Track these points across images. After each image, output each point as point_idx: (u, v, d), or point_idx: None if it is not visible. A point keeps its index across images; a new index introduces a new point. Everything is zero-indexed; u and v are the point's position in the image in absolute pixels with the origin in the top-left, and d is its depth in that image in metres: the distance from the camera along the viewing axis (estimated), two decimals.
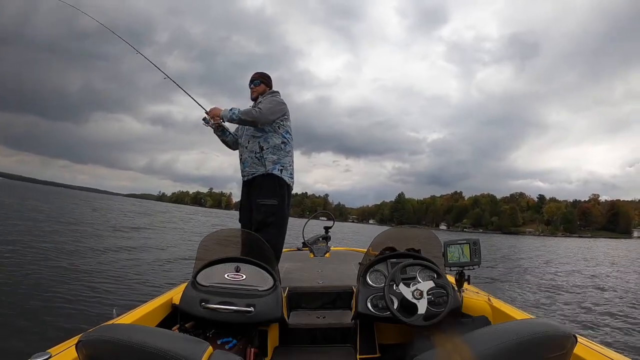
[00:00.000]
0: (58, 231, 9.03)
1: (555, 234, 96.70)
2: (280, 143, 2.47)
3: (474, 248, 1.65)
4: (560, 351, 0.74)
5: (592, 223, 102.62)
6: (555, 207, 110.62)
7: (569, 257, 17.60)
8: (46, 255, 5.84)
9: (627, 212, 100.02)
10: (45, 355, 1.00)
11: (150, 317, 1.50)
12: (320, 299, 2.24)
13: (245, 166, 2.49)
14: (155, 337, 0.78)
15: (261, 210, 2.37)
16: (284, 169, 2.46)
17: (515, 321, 0.93)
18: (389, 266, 1.76)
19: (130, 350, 0.74)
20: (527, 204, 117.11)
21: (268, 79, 2.65)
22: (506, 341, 0.72)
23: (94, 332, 0.80)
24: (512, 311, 1.54)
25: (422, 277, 1.58)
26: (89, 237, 8.80)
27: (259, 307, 1.55)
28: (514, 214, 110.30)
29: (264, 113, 2.38)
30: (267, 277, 1.69)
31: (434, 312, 1.44)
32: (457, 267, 1.68)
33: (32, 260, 5.33)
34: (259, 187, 2.41)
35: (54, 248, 6.57)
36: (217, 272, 1.69)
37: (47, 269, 5.01)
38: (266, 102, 2.45)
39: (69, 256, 6.08)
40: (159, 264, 6.59)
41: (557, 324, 0.77)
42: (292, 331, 1.87)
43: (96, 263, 5.87)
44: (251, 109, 2.39)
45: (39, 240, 7.14)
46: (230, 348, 1.45)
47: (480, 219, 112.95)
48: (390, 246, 1.87)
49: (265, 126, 2.43)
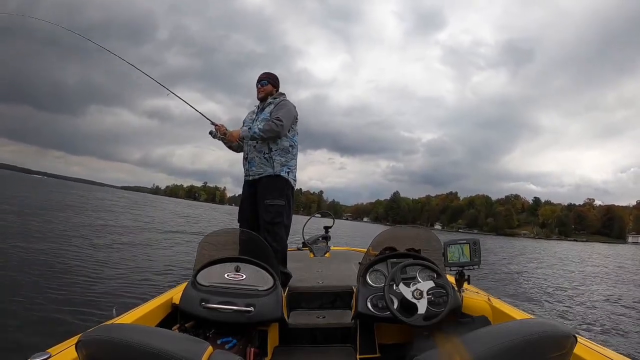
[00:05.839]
0: (56, 229, 8.92)
1: (550, 237, 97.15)
2: (288, 146, 2.47)
3: (474, 248, 1.67)
4: (560, 351, 0.74)
5: (587, 227, 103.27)
6: (550, 210, 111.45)
7: (568, 259, 17.77)
8: (45, 255, 5.77)
9: (622, 217, 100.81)
10: (45, 355, 1.00)
11: (150, 317, 1.50)
12: (320, 298, 2.24)
13: (251, 166, 2.47)
14: (155, 337, 0.78)
15: (269, 211, 2.36)
16: (290, 171, 2.48)
17: (515, 321, 0.93)
18: (389, 266, 1.76)
19: (130, 350, 0.73)
20: (522, 206, 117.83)
21: (276, 80, 2.64)
22: (506, 341, 0.72)
23: (94, 331, 0.80)
24: (512, 311, 1.56)
25: (422, 277, 1.59)
26: (89, 237, 8.70)
27: (259, 307, 1.55)
28: (509, 216, 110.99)
29: (285, 125, 2.38)
30: (267, 277, 1.69)
31: (434, 312, 1.45)
32: (457, 267, 1.69)
33: (31, 260, 5.26)
34: (266, 188, 2.40)
35: (54, 247, 6.49)
36: (217, 272, 1.69)
37: (46, 268, 4.95)
38: (283, 111, 2.42)
39: (68, 255, 6.01)
40: (159, 264, 6.55)
41: (557, 324, 0.77)
42: (292, 331, 1.87)
43: (96, 262, 5.80)
44: (271, 123, 2.35)
45: (38, 239, 7.05)
46: (230, 348, 1.45)
47: (476, 219, 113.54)
48: (390, 246, 1.88)
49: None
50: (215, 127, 2.57)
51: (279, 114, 2.39)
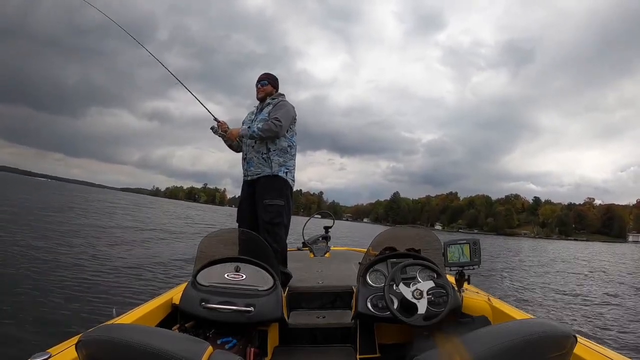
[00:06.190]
0: (56, 230, 8.93)
1: (551, 237, 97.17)
2: (286, 146, 2.48)
3: (474, 248, 1.67)
4: (560, 351, 0.74)
5: (587, 226, 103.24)
6: (550, 209, 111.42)
7: (567, 259, 17.75)
8: (45, 255, 5.78)
9: (622, 216, 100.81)
10: (45, 355, 1.00)
11: (150, 317, 1.50)
12: (320, 298, 2.24)
13: (250, 166, 2.48)
14: (155, 337, 0.78)
15: (268, 211, 2.36)
16: (288, 171, 2.48)
17: (515, 321, 0.93)
18: (389, 266, 1.76)
19: (130, 350, 0.73)
20: (522, 206, 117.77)
21: (275, 81, 2.66)
22: (506, 341, 0.72)
23: (94, 332, 0.80)
24: (512, 311, 1.56)
25: (422, 277, 1.59)
26: (89, 237, 8.72)
27: (259, 307, 1.55)
28: (510, 216, 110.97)
29: (284, 125, 2.40)
30: (267, 277, 1.69)
31: (434, 312, 1.45)
32: (457, 267, 1.69)
33: (31, 260, 5.28)
34: (265, 188, 2.41)
35: (54, 248, 6.50)
36: (217, 272, 1.69)
37: (47, 268, 4.96)
38: (282, 112, 2.44)
39: (68, 256, 6.02)
40: (159, 264, 6.55)
41: (557, 324, 0.77)
42: (292, 331, 1.87)
43: (96, 262, 5.82)
44: (270, 123, 2.37)
45: (38, 239, 7.06)
46: (230, 348, 1.45)
47: (476, 219, 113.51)
48: (390, 246, 1.88)
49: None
50: (218, 124, 2.61)
51: (278, 115, 2.40)
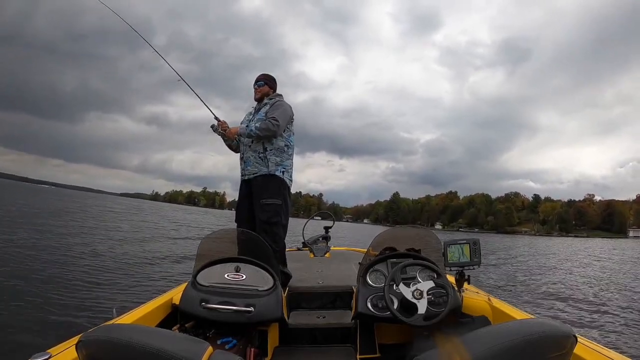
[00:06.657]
0: (57, 231, 8.95)
1: (551, 234, 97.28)
2: (283, 146, 2.49)
3: (474, 248, 1.67)
4: (560, 351, 0.74)
5: (588, 223, 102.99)
6: (550, 206, 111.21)
7: (567, 257, 17.74)
8: (46, 255, 5.80)
9: (622, 212, 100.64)
10: (45, 355, 1.00)
11: (150, 317, 1.50)
12: (320, 299, 2.25)
13: (247, 165, 2.49)
14: (155, 337, 0.78)
15: (266, 210, 2.37)
16: (285, 171, 2.48)
17: (515, 321, 0.93)
18: (389, 266, 1.76)
19: (130, 350, 0.74)
20: (522, 204, 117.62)
21: (273, 82, 2.66)
22: (506, 341, 0.72)
23: (94, 332, 0.80)
24: (512, 311, 1.56)
25: (422, 277, 1.59)
26: (89, 237, 8.74)
27: (259, 307, 1.55)
28: (510, 214, 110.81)
29: (281, 125, 2.40)
30: (267, 277, 1.69)
31: (434, 312, 1.45)
32: (457, 267, 1.69)
33: (31, 260, 5.29)
34: (261, 187, 2.42)
35: (55, 250, 6.51)
36: (217, 272, 1.69)
37: (47, 268, 4.97)
38: (278, 111, 2.44)
39: (68, 256, 6.04)
40: (159, 264, 6.56)
41: (557, 324, 0.77)
42: (292, 331, 1.87)
43: (96, 263, 5.83)
44: (267, 122, 2.38)
45: (38, 240, 7.08)
46: (230, 348, 1.45)
47: (476, 218, 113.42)
48: (390, 246, 1.88)
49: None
50: (218, 123, 2.62)
51: (275, 114, 2.41)
